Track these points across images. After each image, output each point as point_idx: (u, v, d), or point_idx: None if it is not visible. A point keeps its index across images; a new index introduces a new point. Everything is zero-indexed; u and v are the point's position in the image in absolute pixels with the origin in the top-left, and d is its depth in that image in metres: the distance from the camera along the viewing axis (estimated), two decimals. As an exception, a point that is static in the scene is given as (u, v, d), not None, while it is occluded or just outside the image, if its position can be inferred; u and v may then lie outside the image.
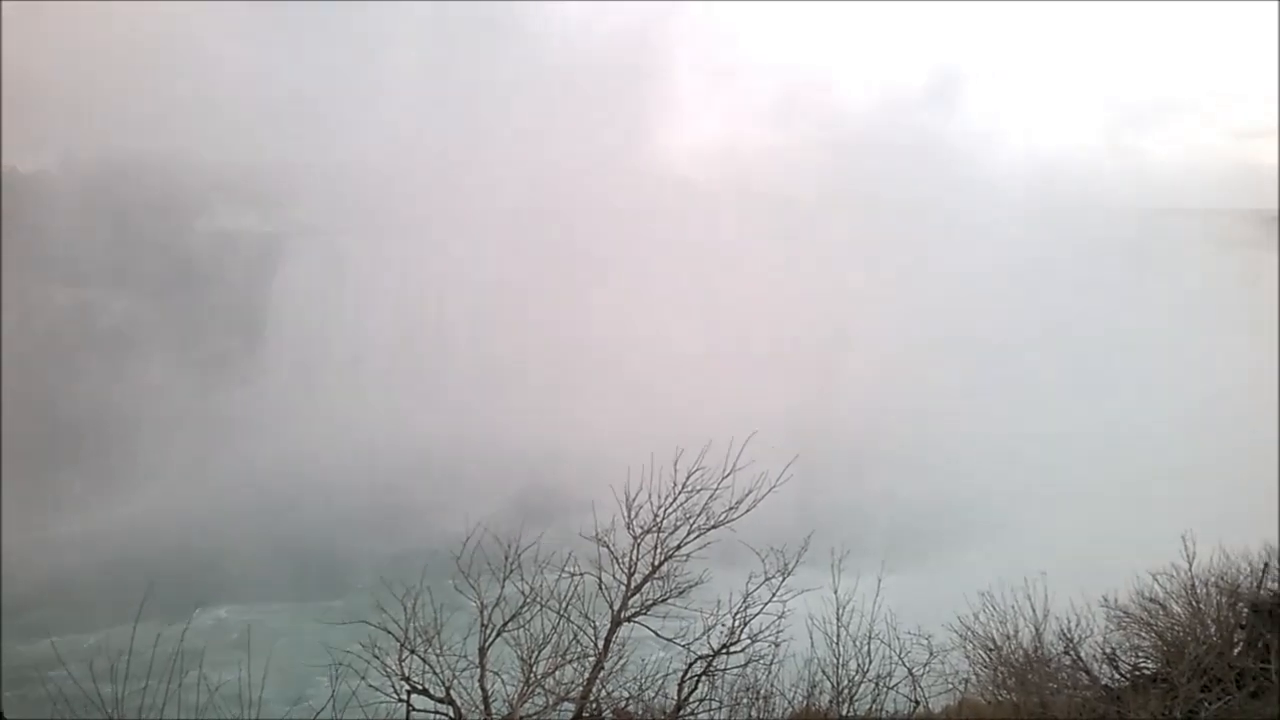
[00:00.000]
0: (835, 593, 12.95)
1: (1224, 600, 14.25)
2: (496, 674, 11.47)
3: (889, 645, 12.87)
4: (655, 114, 68.37)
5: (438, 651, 11.30)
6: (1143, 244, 58.25)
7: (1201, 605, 14.15)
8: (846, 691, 12.53)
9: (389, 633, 11.28)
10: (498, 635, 11.62)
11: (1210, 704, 11.75)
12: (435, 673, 11.23)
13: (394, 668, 11.13)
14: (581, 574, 12.41)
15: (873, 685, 12.59)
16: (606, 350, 53.24)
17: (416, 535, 37.92)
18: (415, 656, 11.21)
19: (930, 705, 13.18)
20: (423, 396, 54.25)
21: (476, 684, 11.33)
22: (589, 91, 63.63)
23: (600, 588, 12.30)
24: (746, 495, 12.45)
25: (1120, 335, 52.76)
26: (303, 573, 40.29)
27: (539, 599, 11.93)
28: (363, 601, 12.36)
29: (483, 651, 11.49)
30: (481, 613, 11.69)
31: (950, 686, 13.33)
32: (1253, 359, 48.08)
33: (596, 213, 56.68)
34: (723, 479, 12.38)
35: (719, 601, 12.56)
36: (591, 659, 11.71)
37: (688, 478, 12.44)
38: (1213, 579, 14.51)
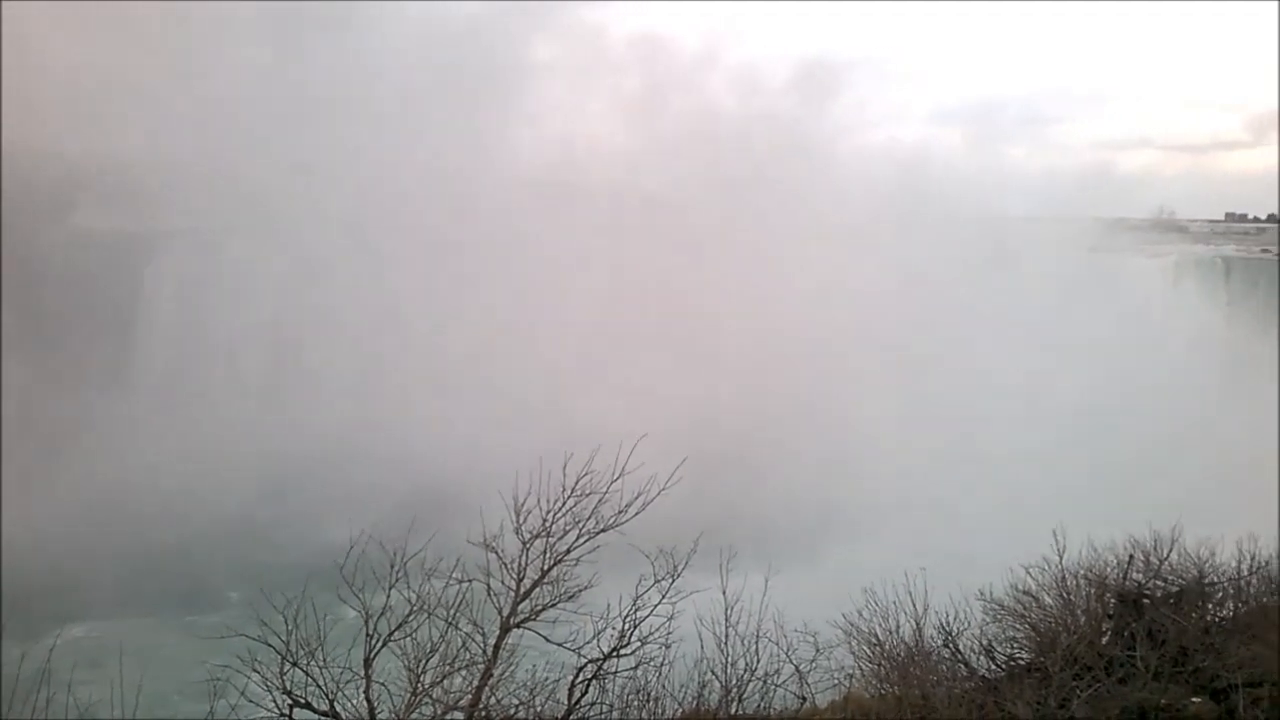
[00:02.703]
0: (724, 593, 13.07)
1: (1092, 591, 14.89)
2: (383, 685, 11.24)
3: (776, 643, 13.06)
4: (516, 113, 67.77)
5: (321, 663, 11.02)
6: (1006, 248, 60.20)
7: (1071, 596, 14.75)
8: (735, 690, 12.65)
9: (269, 645, 10.95)
10: (383, 645, 11.39)
11: (1082, 691, 12.22)
12: (319, 685, 10.95)
13: (275, 681, 10.80)
14: (469, 580, 12.23)
15: (761, 683, 12.75)
16: (489, 351, 52.65)
17: (297, 544, 36.75)
18: (297, 669, 10.91)
19: (817, 701, 13.41)
20: (301, 401, 52.73)
21: (362, 695, 11.09)
22: (446, 90, 62.73)
23: (489, 594, 12.15)
24: (636, 498, 12.46)
25: (987, 337, 54.44)
26: (172, 587, 38.68)
27: (426, 607, 11.73)
28: (240, 614, 11.96)
29: (368, 662, 11.25)
30: (366, 622, 11.44)
31: (836, 682, 13.58)
32: (1116, 360, 50.35)
33: (465, 211, 55.91)
34: (612, 482, 12.37)
35: (609, 605, 12.54)
36: (480, 666, 11.56)
37: (577, 482, 12.40)
38: (1082, 571, 15.15)
